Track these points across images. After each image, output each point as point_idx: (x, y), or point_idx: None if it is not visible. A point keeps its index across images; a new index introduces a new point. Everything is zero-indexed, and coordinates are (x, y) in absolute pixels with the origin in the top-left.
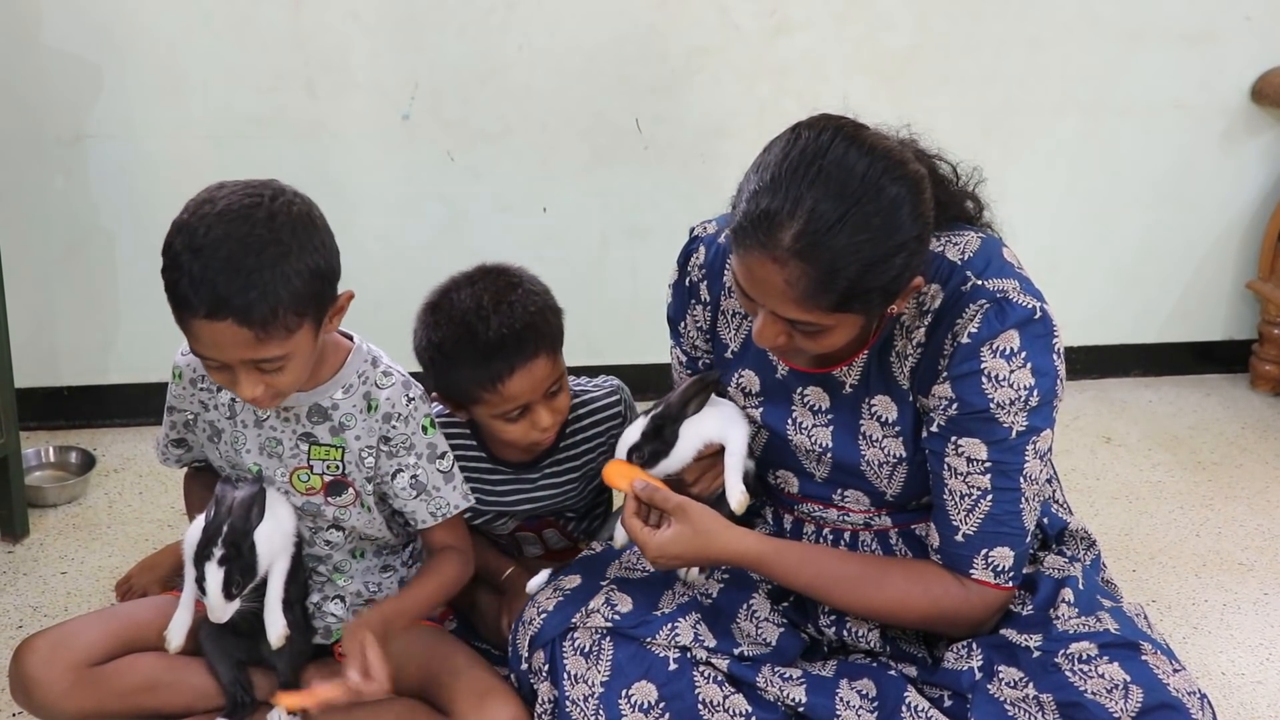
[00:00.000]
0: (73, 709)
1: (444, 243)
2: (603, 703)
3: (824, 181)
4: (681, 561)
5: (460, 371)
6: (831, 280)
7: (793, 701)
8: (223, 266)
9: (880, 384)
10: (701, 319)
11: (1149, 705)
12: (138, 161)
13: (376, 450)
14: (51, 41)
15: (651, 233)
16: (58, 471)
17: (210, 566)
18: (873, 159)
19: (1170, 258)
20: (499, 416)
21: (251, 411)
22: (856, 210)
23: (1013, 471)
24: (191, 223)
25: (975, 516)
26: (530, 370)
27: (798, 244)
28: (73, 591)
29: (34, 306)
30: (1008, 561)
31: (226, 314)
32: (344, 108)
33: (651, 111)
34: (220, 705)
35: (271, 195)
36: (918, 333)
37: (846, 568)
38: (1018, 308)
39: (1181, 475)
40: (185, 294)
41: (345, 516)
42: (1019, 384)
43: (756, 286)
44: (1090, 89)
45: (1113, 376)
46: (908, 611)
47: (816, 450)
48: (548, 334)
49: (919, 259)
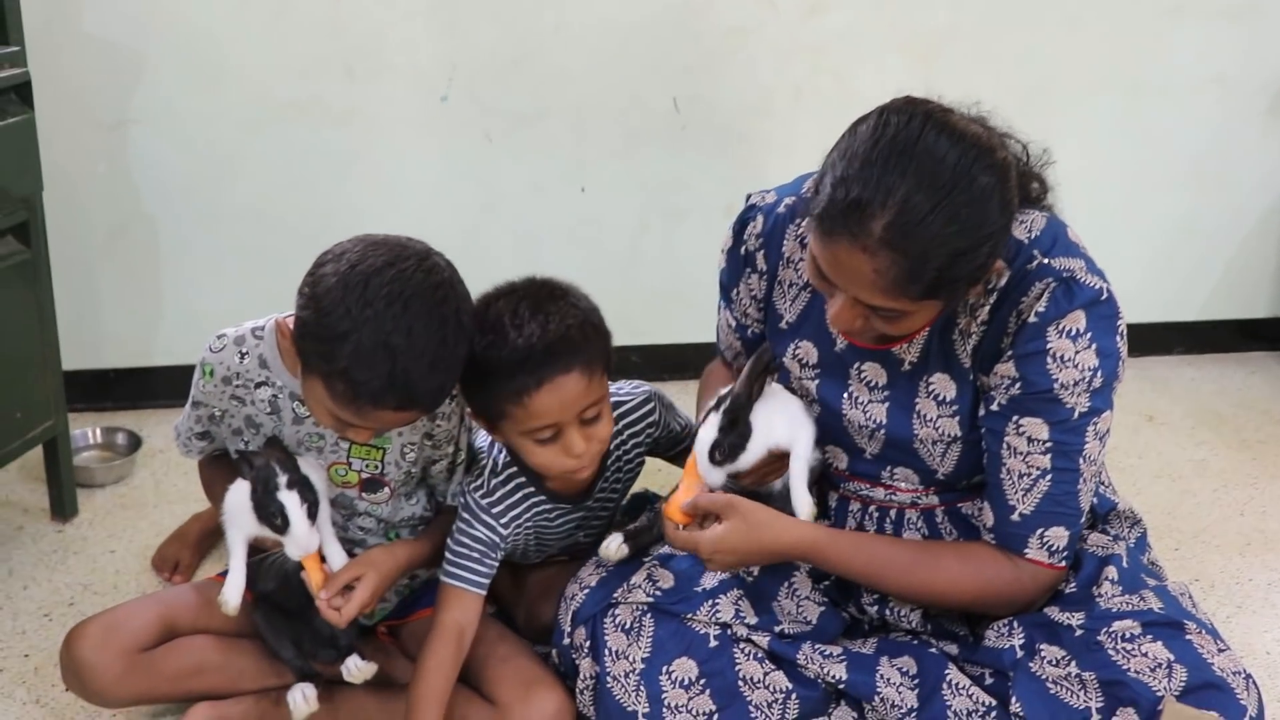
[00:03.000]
0: (125, 693)
1: (482, 225)
2: (643, 679)
3: (916, 171)
4: (737, 556)
5: (488, 382)
6: (921, 270)
7: (833, 679)
8: (427, 370)
9: (940, 362)
10: (756, 288)
11: (1193, 684)
12: (179, 147)
13: (420, 446)
14: (93, 29)
15: (688, 213)
16: (105, 452)
17: (287, 496)
18: (964, 148)
19: (1213, 235)
20: (527, 435)
21: (292, 410)
22: (948, 201)
23: (1073, 452)
24: (377, 316)
25: (1033, 496)
26: (559, 386)
27: (889, 234)
28: (121, 570)
29: (79, 291)
30: (1062, 541)
31: (414, 409)
32: (381, 91)
33: (688, 92)
34: (265, 686)
35: (446, 275)
36: (982, 310)
37: (899, 553)
38: (1085, 288)
39: (1225, 454)
40: (377, 391)
41: (376, 510)
42: (1084, 365)
43: (842, 274)
44: (1130, 66)
45: (1155, 354)
46: (960, 594)
47: (870, 426)
48: (584, 350)
49: (1002, 243)
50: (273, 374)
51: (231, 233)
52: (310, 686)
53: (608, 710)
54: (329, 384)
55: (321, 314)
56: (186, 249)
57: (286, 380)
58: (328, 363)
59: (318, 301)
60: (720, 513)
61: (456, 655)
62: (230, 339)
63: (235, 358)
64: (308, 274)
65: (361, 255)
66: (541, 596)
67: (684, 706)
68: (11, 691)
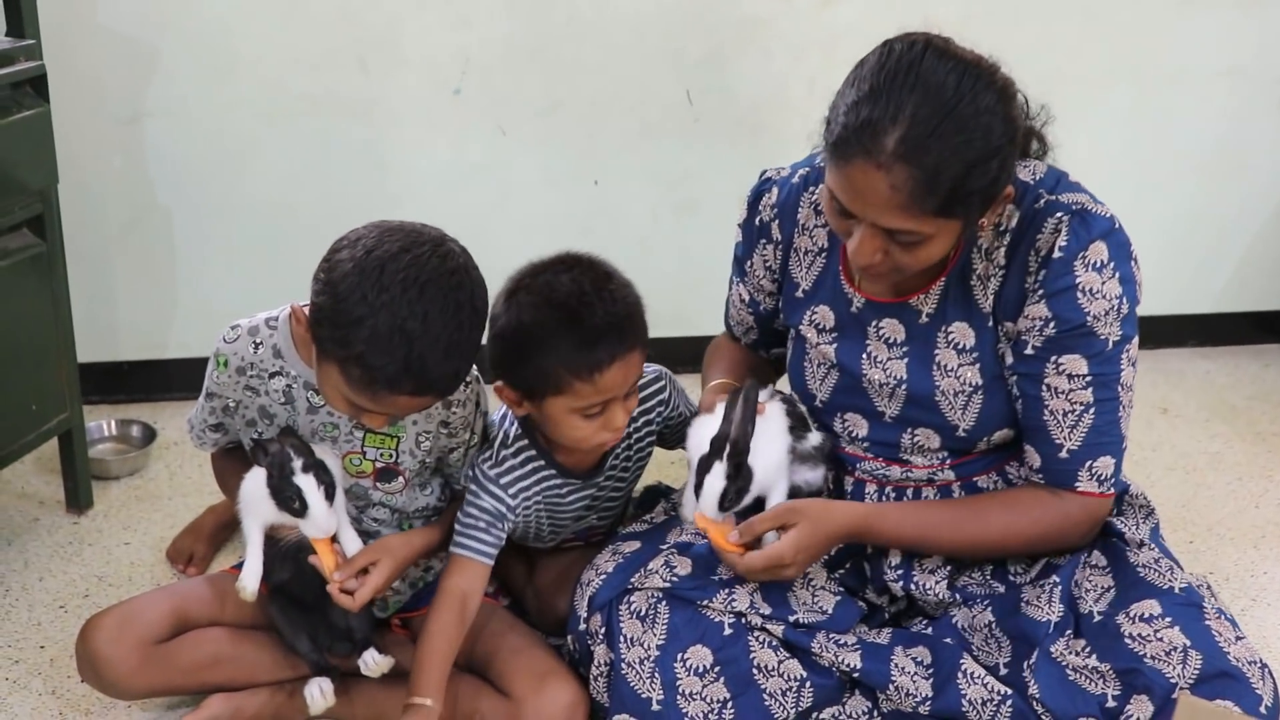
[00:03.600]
0: (140, 685)
1: (495, 217)
2: (658, 666)
3: (922, 88)
4: (812, 553)
5: (552, 357)
6: (935, 182)
7: (848, 667)
8: (443, 355)
9: (958, 310)
10: (771, 258)
11: (1208, 673)
12: (193, 140)
13: (435, 434)
14: (108, 23)
15: (701, 205)
16: (120, 445)
17: (304, 479)
18: (965, 67)
19: (1226, 227)
20: (578, 411)
21: (306, 399)
22: (955, 113)
23: (1111, 381)
24: (393, 301)
25: (1080, 431)
26: (627, 362)
27: (902, 148)
28: (136, 561)
29: (94, 283)
30: (1109, 470)
31: (429, 394)
32: (395, 84)
33: (701, 84)
34: (280, 679)
35: (461, 261)
36: (998, 254)
37: (946, 513)
38: (1098, 218)
39: (1240, 446)
40: (393, 376)
41: (390, 501)
42: (1110, 294)
43: (858, 198)
44: (1142, 57)
45: (1169, 347)
46: (1015, 538)
47: (890, 384)
48: (644, 328)
49: (1011, 165)
50: (287, 364)
51: (246, 225)
52: (327, 681)
53: (622, 697)
54: (345, 369)
55: (337, 299)
56: (201, 241)
57: (301, 370)
58: (343, 348)
59: (333, 287)
60: (784, 520)
61: (460, 620)
62: (244, 329)
63: (249, 348)
64: (323, 260)
65: (377, 241)
66: (554, 589)
67: (698, 694)
68: (28, 683)
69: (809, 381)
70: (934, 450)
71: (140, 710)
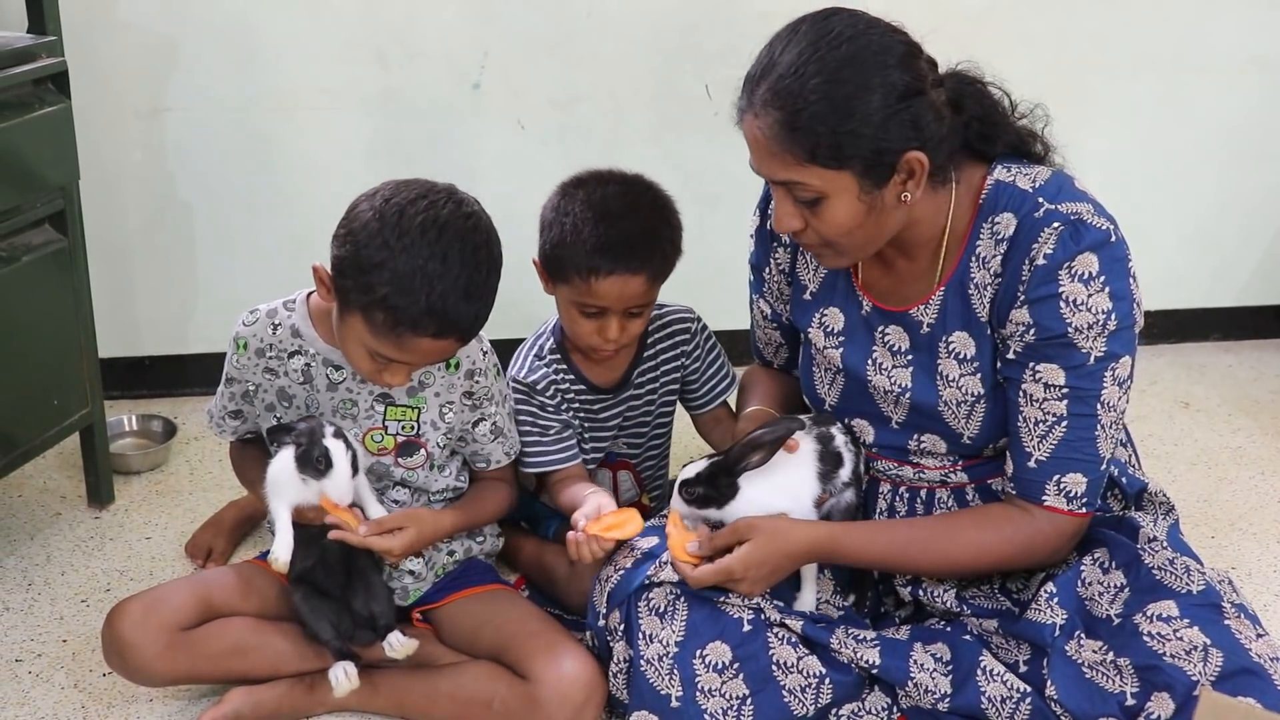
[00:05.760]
0: (165, 671)
1: (514, 211)
2: (677, 662)
3: (799, 40)
4: (767, 569)
5: (566, 248)
6: (797, 120)
7: (866, 663)
8: (463, 295)
9: (958, 320)
10: (783, 260)
11: (1229, 670)
12: (213, 134)
13: (459, 405)
14: (128, 18)
15: (721, 199)
16: (141, 439)
17: (333, 442)
18: (855, 20)
19: (1250, 219)
20: (576, 305)
21: (325, 376)
22: (820, 55)
23: (1089, 398)
24: (413, 245)
25: (1049, 443)
26: (625, 281)
27: (769, 94)
28: (157, 556)
29: (116, 278)
30: (1080, 488)
31: (451, 335)
32: (414, 78)
33: (721, 77)
34: (301, 671)
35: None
36: (994, 262)
37: (914, 531)
38: (1092, 229)
39: (1263, 441)
40: (416, 317)
41: (412, 478)
42: (1097, 308)
43: (753, 156)
44: (1167, 46)
45: (1191, 340)
46: (986, 556)
47: (895, 391)
48: (657, 262)
49: (906, 119)
50: (305, 342)
51: (266, 219)
52: (351, 665)
53: (641, 693)
54: (368, 316)
55: (359, 247)
56: (222, 236)
57: (320, 347)
58: (366, 294)
59: (354, 236)
60: (740, 536)
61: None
62: (263, 312)
63: (268, 329)
64: (342, 218)
65: (394, 190)
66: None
67: (717, 690)
68: (50, 676)
69: (818, 386)
70: (942, 454)
71: (161, 704)
